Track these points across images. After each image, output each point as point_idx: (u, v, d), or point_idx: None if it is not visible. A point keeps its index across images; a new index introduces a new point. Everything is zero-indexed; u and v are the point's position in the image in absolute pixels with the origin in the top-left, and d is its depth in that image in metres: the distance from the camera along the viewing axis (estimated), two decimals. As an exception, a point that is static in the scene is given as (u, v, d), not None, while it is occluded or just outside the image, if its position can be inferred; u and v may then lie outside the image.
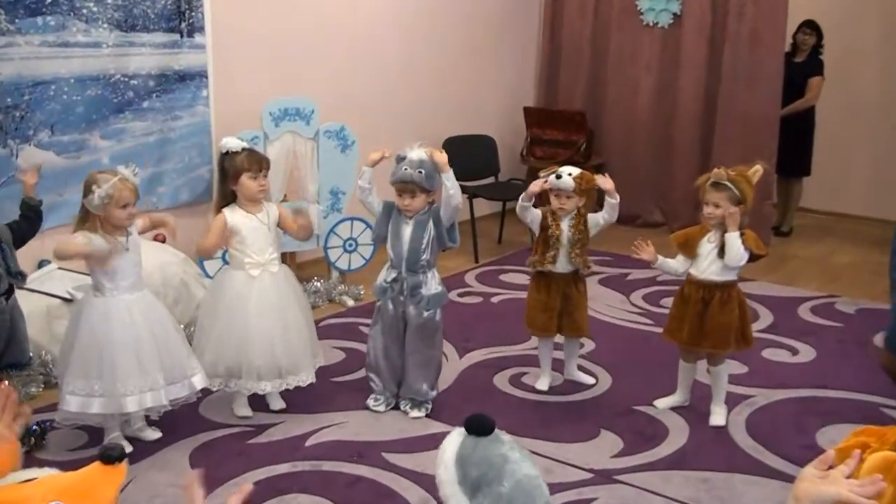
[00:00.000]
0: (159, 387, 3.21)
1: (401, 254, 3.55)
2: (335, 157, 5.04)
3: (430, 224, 3.54)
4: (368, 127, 5.23)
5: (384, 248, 3.68)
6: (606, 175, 3.72)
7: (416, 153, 3.49)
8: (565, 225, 3.69)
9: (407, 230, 3.55)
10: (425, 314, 3.58)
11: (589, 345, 4.40)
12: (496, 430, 1.72)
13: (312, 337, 3.70)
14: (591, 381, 4.01)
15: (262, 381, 3.50)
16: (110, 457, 1.40)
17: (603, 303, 5.13)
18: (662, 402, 3.77)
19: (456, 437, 1.72)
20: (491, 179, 6.65)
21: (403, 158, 3.50)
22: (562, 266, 3.72)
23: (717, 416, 3.62)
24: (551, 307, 3.78)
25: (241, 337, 3.44)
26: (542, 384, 3.93)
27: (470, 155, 6.33)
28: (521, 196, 3.71)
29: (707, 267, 3.47)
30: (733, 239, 3.36)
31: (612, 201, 3.64)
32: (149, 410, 3.30)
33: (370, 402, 3.71)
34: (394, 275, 3.59)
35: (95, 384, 3.14)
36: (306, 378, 3.60)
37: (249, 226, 3.48)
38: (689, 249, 3.53)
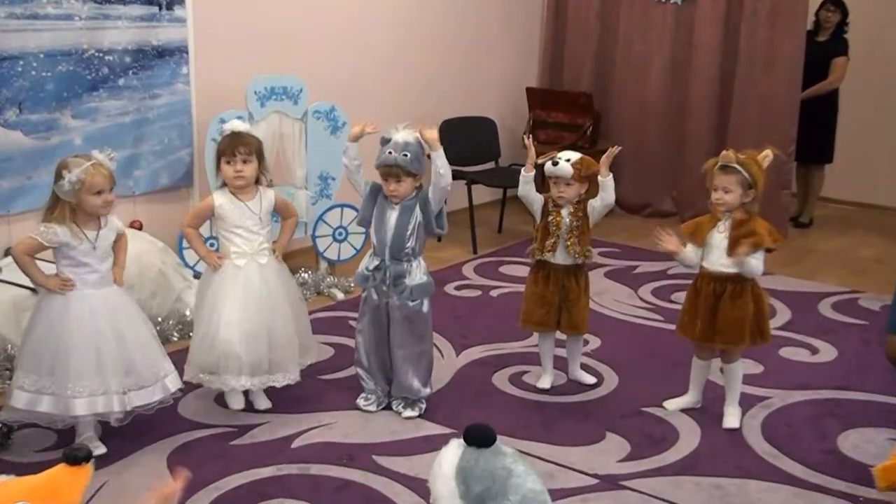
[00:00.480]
0: (112, 391, 3.14)
1: (384, 240, 3.54)
2: (325, 139, 5.03)
3: (417, 209, 3.53)
4: (360, 107, 5.21)
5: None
6: (614, 148, 3.67)
7: (402, 135, 3.47)
8: (566, 213, 3.69)
9: (392, 216, 3.53)
10: (410, 305, 3.57)
11: (594, 342, 4.40)
12: (497, 441, 1.73)
13: (307, 333, 3.70)
14: (591, 380, 4.01)
15: (243, 377, 3.48)
16: (76, 457, 1.45)
17: (609, 297, 5.14)
18: (673, 404, 3.76)
19: (455, 450, 1.72)
20: (491, 165, 6.65)
21: (388, 141, 3.48)
22: (561, 257, 3.72)
23: (731, 419, 3.62)
24: (549, 301, 3.77)
25: (220, 330, 3.42)
26: (544, 383, 3.93)
27: (468, 138, 6.32)
28: (523, 168, 3.70)
29: (717, 258, 3.47)
30: (751, 261, 3.39)
31: (602, 179, 3.61)
32: (101, 416, 3.21)
33: (360, 401, 3.71)
34: (376, 262, 3.58)
35: (46, 381, 3.10)
36: (283, 379, 3.57)
37: (235, 212, 3.47)
38: (698, 238, 3.52)
